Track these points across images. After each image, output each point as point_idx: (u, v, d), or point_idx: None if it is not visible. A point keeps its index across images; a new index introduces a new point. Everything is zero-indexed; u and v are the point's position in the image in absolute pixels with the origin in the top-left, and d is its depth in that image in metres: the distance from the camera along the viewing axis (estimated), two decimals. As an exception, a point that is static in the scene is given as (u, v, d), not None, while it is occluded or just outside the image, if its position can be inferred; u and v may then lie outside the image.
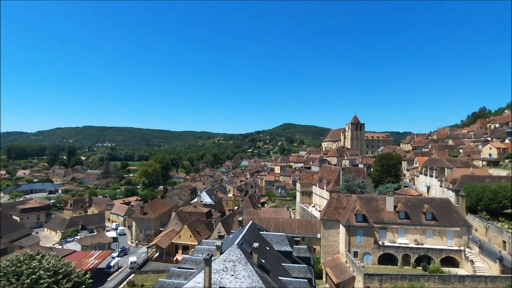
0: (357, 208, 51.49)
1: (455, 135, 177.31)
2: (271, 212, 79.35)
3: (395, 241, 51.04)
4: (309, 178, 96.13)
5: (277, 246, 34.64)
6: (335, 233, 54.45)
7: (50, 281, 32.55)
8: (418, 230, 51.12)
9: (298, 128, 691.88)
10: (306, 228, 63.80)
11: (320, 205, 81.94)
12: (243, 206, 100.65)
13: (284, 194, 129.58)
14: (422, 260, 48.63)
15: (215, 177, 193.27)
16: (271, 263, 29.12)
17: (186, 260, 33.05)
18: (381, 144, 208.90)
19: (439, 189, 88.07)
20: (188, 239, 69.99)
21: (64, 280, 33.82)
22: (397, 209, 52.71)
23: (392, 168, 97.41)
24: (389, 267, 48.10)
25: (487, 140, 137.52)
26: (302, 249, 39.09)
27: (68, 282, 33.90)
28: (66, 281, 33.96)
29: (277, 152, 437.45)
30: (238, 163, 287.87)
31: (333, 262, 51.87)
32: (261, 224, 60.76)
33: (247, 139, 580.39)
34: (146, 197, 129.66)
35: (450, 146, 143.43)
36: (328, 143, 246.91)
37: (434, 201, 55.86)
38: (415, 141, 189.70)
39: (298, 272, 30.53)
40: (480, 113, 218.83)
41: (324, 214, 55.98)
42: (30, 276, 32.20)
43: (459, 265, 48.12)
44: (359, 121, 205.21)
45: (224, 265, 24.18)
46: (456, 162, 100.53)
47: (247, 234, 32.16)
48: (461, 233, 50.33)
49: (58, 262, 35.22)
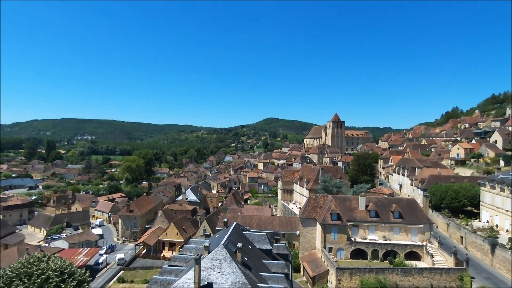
0: (332, 208, 56.22)
1: (428, 134, 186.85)
2: (254, 210, 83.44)
3: (366, 238, 56.24)
4: (291, 176, 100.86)
5: (258, 245, 38.62)
6: (312, 230, 59.16)
7: (57, 280, 35.70)
8: (387, 227, 56.43)
9: (281, 123, 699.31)
10: (286, 225, 68.33)
11: (301, 202, 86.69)
12: (227, 203, 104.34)
13: (266, 191, 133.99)
14: (389, 255, 53.96)
15: (199, 173, 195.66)
16: (253, 260, 33.05)
17: (176, 258, 36.52)
18: (360, 141, 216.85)
19: (410, 187, 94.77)
20: (174, 236, 73.20)
21: (70, 279, 36.93)
22: (368, 208, 57.82)
23: (368, 167, 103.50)
24: (359, 261, 53.18)
25: (456, 140, 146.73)
26: (281, 247, 43.24)
27: (73, 281, 37.00)
28: (71, 280, 37.07)
29: (260, 146, 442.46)
30: (222, 158, 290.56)
31: (310, 257, 56.63)
32: (244, 221, 64.84)
33: (230, 133, 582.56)
34: (131, 193, 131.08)
35: (423, 145, 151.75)
36: (310, 139, 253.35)
37: (401, 201, 61.45)
38: (392, 139, 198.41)
39: (277, 268, 34.62)
40: (452, 113, 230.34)
41: (302, 213, 60.59)
42: (40, 276, 35.59)
43: (421, 259, 53.80)
44: (340, 119, 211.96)
45: (212, 263, 27.84)
46: (427, 161, 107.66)
47: (232, 234, 35.89)
48: (424, 230, 55.98)
49: (64, 263, 38.24)
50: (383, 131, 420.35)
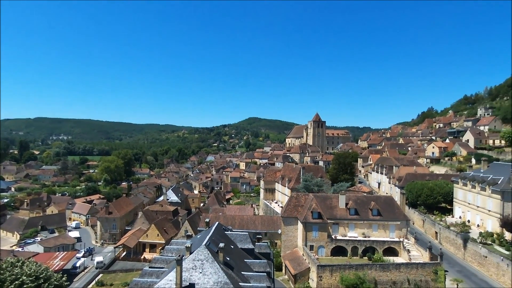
0: (313, 206, 57.09)
1: (405, 133, 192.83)
2: (236, 210, 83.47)
3: (346, 235, 57.44)
4: (272, 175, 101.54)
5: (240, 244, 38.75)
6: (294, 229, 59.87)
7: (32, 286, 34.29)
8: (366, 225, 57.86)
9: (263, 122, 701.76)
10: (268, 224, 68.80)
11: (282, 201, 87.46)
12: (209, 203, 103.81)
13: (249, 190, 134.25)
14: (368, 251, 55.38)
15: (180, 173, 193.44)
16: (235, 260, 33.15)
17: (157, 260, 36.08)
18: (340, 141, 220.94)
19: (388, 185, 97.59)
20: (155, 237, 72.14)
21: (46, 284, 35.59)
22: (348, 206, 59.07)
23: (348, 166, 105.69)
24: (340, 258, 54.30)
25: (432, 139, 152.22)
26: (263, 246, 43.56)
27: (49, 286, 35.68)
28: (47, 285, 35.73)
29: (242, 146, 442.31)
30: (204, 158, 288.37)
31: (292, 255, 57.29)
32: (227, 221, 64.76)
33: (212, 133, 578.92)
34: (110, 195, 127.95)
35: (400, 145, 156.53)
36: (291, 139, 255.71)
37: (380, 198, 63.19)
38: (370, 138, 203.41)
39: (259, 267, 34.87)
40: (428, 113, 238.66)
41: (284, 212, 61.19)
42: (14, 282, 33.98)
43: (398, 254, 55.54)
44: (321, 119, 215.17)
45: (193, 264, 27.73)
46: (404, 160, 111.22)
47: (214, 234, 35.83)
48: (401, 226, 57.78)
49: (39, 268, 36.81)
50: (362, 131, 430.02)
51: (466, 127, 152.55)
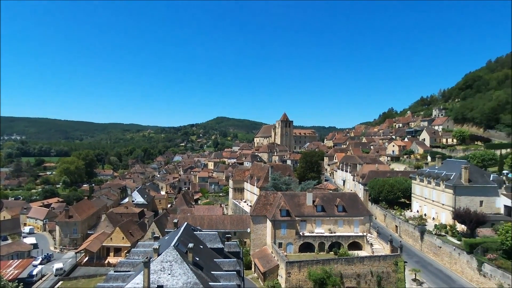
0: (281, 204, 58.06)
1: (368, 133, 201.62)
2: (205, 210, 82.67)
3: (313, 231, 59.06)
4: (241, 175, 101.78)
5: (210, 244, 38.52)
6: (263, 227, 60.52)
7: None
8: (332, 221, 59.83)
9: (232, 122, 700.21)
10: (237, 223, 68.74)
11: (251, 200, 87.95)
12: (177, 204, 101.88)
13: (217, 190, 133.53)
14: (334, 246, 57.32)
15: (146, 174, 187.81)
16: (205, 260, 32.92)
17: (122, 263, 34.87)
18: (307, 140, 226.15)
19: (352, 183, 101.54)
20: (120, 241, 69.50)
21: None
22: (315, 203, 60.74)
23: (315, 164, 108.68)
24: (307, 254, 55.72)
25: (392, 138, 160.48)
26: (232, 245, 43.60)
27: None
28: None
29: (211, 146, 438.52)
30: (171, 158, 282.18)
31: (261, 253, 57.89)
32: (195, 222, 63.86)
33: (180, 132, 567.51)
34: (70, 198, 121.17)
35: (363, 143, 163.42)
36: (260, 138, 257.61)
37: (345, 195, 65.67)
38: (336, 138, 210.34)
39: (229, 266, 34.90)
40: (388, 113, 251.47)
41: (253, 211, 61.65)
42: None
43: (362, 248, 58.08)
44: (288, 119, 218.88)
45: (162, 266, 27.19)
46: (367, 158, 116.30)
47: (183, 235, 35.31)
48: (365, 221, 60.43)
49: None
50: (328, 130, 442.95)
51: (422, 127, 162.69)
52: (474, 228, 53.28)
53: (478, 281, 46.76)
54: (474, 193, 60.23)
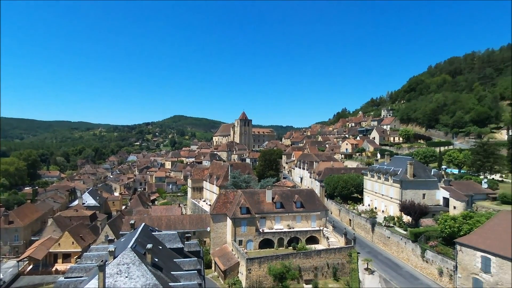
0: (242, 202, 58.38)
1: (323, 132, 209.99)
2: (163, 210, 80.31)
3: (272, 228, 60.18)
4: (200, 174, 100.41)
5: (169, 244, 37.60)
6: (223, 225, 60.39)
7: None
8: (290, 217, 61.43)
9: (189, 121, 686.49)
10: (197, 223, 67.91)
11: (211, 199, 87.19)
12: (132, 205, 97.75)
13: (175, 190, 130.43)
14: (293, 241, 58.96)
15: (98, 175, 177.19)
16: (164, 260, 32.09)
17: (74, 269, 32.70)
18: (266, 139, 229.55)
19: (309, 179, 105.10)
20: (70, 246, 64.92)
21: None
22: (274, 200, 61.92)
23: (273, 162, 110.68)
24: (267, 250, 56.68)
25: (345, 137, 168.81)
26: (192, 244, 42.96)
27: None
28: None
29: (167, 145, 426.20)
30: (125, 158, 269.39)
31: (221, 252, 57.74)
32: (153, 223, 61.87)
33: (134, 131, 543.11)
34: (10, 202, 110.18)
35: (319, 142, 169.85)
36: (219, 137, 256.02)
37: (302, 191, 67.77)
38: (293, 137, 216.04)
39: (189, 265, 34.37)
40: (342, 113, 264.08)
41: (213, 209, 61.23)
42: None
43: (319, 242, 60.43)
44: (247, 118, 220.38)
45: (118, 268, 26.00)
46: (323, 156, 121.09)
47: (140, 236, 34.05)
48: (321, 216, 62.90)
49: None
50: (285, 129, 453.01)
51: (373, 126, 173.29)
52: (418, 219, 58.10)
53: (422, 266, 51.16)
54: (418, 187, 65.62)
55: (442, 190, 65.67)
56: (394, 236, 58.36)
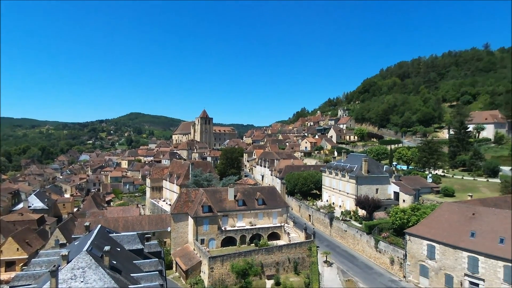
0: (203, 201, 57.78)
1: (283, 130, 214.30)
2: (119, 211, 76.83)
3: (235, 225, 60.32)
4: (160, 173, 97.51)
5: (128, 246, 36.12)
6: (185, 224, 59.31)
7: None
8: (252, 214, 62.04)
9: (147, 118, 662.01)
10: (156, 223, 65.80)
11: (171, 199, 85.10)
12: (85, 207, 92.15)
13: (133, 190, 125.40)
14: (255, 238, 59.62)
15: (45, 176, 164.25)
16: (123, 263, 30.79)
17: (20, 277, 30.18)
18: (227, 137, 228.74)
19: (270, 177, 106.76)
20: (14, 253, 59.52)
21: None
22: (236, 198, 62.09)
23: (235, 161, 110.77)
24: (229, 248, 56.71)
25: (304, 136, 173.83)
26: (153, 245, 41.68)
27: None
28: None
29: (123, 144, 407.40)
30: (76, 158, 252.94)
31: (182, 252, 56.68)
32: (109, 224, 58.95)
33: (86, 129, 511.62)
34: None
35: (280, 140, 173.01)
36: (178, 135, 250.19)
37: (264, 189, 68.76)
38: (254, 135, 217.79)
39: (150, 267, 33.32)
40: (301, 113, 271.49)
41: (174, 209, 59.85)
42: None
43: (280, 238, 61.75)
44: (208, 116, 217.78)
45: (72, 273, 24.53)
46: (283, 154, 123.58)
47: (96, 238, 32.33)
48: (282, 212, 64.29)
49: None
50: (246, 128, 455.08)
51: (330, 125, 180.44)
52: (372, 212, 61.77)
53: (375, 257, 54.48)
54: (371, 182, 69.68)
55: (393, 185, 70.37)
56: (350, 229, 61.42)
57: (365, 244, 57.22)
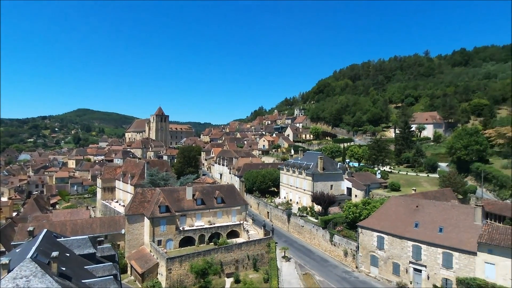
0: (160, 200, 55.98)
1: (242, 129, 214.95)
2: (67, 214, 71.53)
3: (193, 225, 59.29)
4: (112, 172, 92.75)
5: (79, 251, 33.94)
6: (140, 226, 56.97)
7: None
8: (211, 213, 61.47)
9: (97, 115, 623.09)
10: (109, 225, 62.47)
11: (124, 199, 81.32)
12: (27, 211, 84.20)
13: (81, 192, 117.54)
14: (214, 237, 59.17)
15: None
16: (74, 269, 28.85)
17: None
18: (184, 135, 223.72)
19: (229, 175, 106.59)
20: None
21: None
22: (195, 197, 61.03)
23: (193, 159, 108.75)
24: (188, 248, 55.59)
25: (262, 134, 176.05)
26: (106, 248, 39.57)
27: None
28: None
29: (70, 142, 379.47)
30: (15, 157, 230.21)
31: (138, 254, 54.45)
32: (55, 229, 54.71)
33: (26, 125, 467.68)
34: None
35: (238, 139, 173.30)
36: (132, 133, 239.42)
37: (223, 187, 68.50)
38: (212, 133, 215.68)
39: (103, 271, 31.56)
40: (259, 111, 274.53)
41: (129, 210, 57.20)
42: None
43: (239, 235, 61.95)
44: (164, 113, 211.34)
45: (15, 283, 22.49)
46: (241, 152, 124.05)
47: (42, 244, 29.87)
48: (241, 210, 64.55)
49: None
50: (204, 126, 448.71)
51: (287, 124, 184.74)
52: (327, 208, 64.53)
53: (330, 250, 57.05)
54: (326, 179, 72.70)
55: (346, 181, 74.13)
56: (307, 225, 63.58)
57: (321, 238, 59.61)
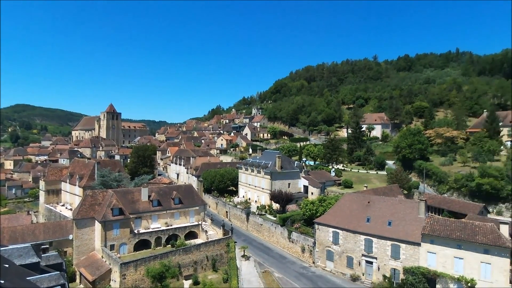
0: (113, 203, 52.95)
1: (199, 127, 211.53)
2: (4, 220, 64.58)
3: (149, 227, 56.97)
4: (57, 174, 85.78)
5: (20, 260, 30.88)
6: (90, 230, 53.42)
7: None
8: (168, 214, 59.56)
9: (38, 111, 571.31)
10: (54, 231, 57.53)
11: (72, 203, 75.71)
12: (-47, 219, 74.71)
13: (21, 195, 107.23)
14: (171, 239, 57.40)
15: None
16: (14, 281, 26.17)
17: None
18: (137, 134, 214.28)
19: (186, 175, 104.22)
20: None
21: None
22: (151, 198, 58.67)
23: (147, 159, 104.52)
24: (143, 251, 53.31)
25: (220, 133, 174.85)
26: (52, 256, 36.63)
27: None
28: None
29: (7, 140, 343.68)
30: None
31: (88, 261, 51.00)
32: (-11, 238, 49.17)
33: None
34: None
35: (195, 137, 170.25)
36: (80, 131, 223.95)
37: (181, 187, 66.75)
38: (168, 132, 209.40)
39: (49, 281, 29.14)
40: (216, 110, 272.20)
41: (77, 213, 53.33)
42: None
43: (198, 236, 60.86)
44: (116, 110, 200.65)
45: None
46: (199, 151, 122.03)
47: (-25, 255, 26.72)
48: (200, 211, 63.44)
49: None
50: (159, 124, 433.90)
51: (245, 123, 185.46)
52: (285, 205, 65.88)
53: (289, 247, 58.37)
54: (284, 177, 74.26)
55: (303, 179, 76.36)
56: (265, 223, 64.37)
57: (279, 236, 60.72)
